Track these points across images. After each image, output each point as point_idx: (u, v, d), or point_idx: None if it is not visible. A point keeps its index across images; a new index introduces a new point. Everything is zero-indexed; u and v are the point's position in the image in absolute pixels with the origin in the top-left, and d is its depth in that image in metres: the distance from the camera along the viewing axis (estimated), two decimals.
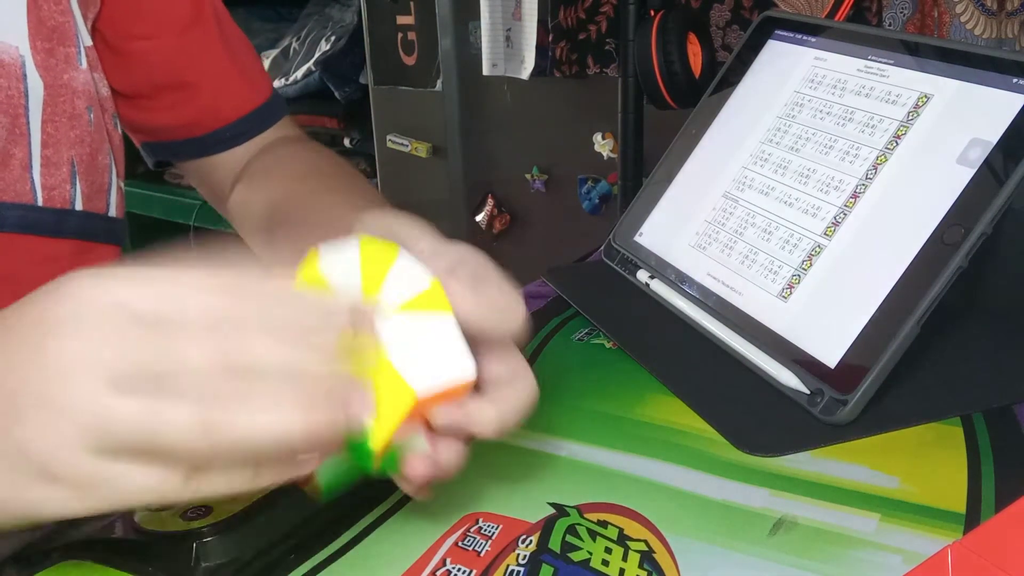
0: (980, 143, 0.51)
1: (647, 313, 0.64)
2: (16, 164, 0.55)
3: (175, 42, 0.65)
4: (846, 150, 0.58)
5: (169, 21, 0.65)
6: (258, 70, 0.72)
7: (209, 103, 0.68)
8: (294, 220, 0.61)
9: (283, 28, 2.13)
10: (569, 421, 0.53)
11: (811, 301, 0.55)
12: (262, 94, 0.71)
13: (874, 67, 0.59)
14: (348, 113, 1.96)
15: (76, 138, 0.58)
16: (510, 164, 1.76)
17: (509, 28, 1.52)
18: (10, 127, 0.54)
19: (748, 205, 0.62)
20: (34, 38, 0.55)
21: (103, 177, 0.61)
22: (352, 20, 1.92)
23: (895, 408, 0.52)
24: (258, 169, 0.69)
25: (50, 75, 0.56)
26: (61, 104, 0.57)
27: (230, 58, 0.69)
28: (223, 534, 0.41)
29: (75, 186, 0.58)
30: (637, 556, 0.42)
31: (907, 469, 0.48)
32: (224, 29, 0.69)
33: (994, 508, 0.44)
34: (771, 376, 0.54)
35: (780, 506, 0.45)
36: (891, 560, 0.41)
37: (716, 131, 0.68)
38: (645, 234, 0.69)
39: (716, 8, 1.32)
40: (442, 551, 0.42)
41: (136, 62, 0.64)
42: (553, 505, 0.45)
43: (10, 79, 0.54)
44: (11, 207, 0.55)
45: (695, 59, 1.14)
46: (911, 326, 0.49)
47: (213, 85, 0.68)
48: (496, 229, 1.78)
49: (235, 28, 0.71)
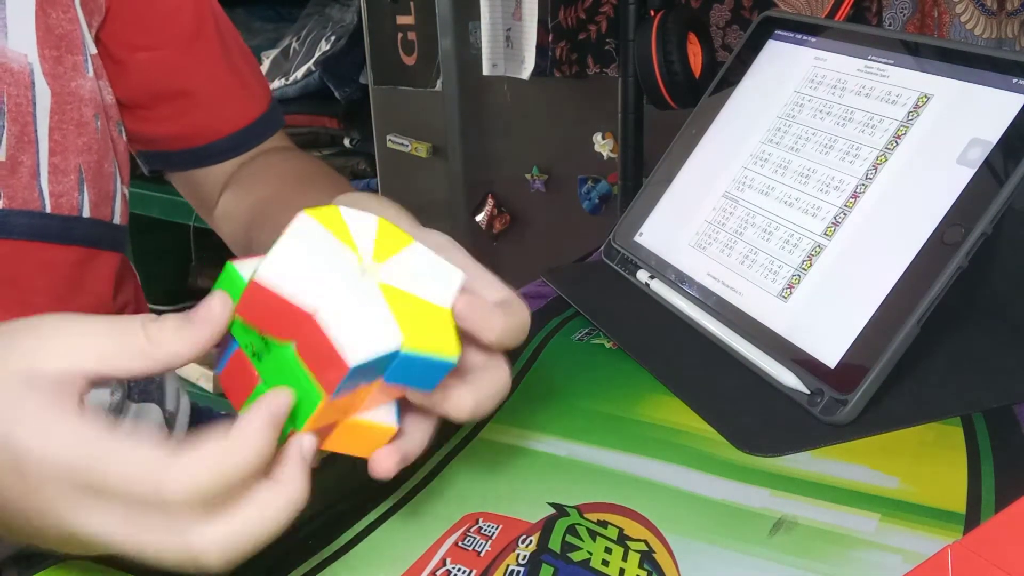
0: (980, 143, 0.51)
1: (647, 313, 0.64)
2: (24, 171, 0.55)
3: (177, 54, 0.65)
4: (846, 150, 0.58)
5: (172, 33, 0.65)
6: (257, 82, 0.72)
7: (207, 115, 0.68)
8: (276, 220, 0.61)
9: (283, 28, 2.13)
10: (569, 421, 0.53)
11: (811, 301, 0.55)
12: (260, 107, 0.71)
13: (874, 67, 0.59)
14: (348, 113, 1.96)
15: (84, 145, 0.58)
16: (510, 164, 1.76)
17: (509, 28, 1.52)
18: (19, 135, 0.54)
19: (748, 205, 0.62)
20: (42, 46, 0.55)
21: (109, 184, 0.61)
22: (352, 20, 1.92)
23: (895, 408, 0.52)
24: (243, 177, 0.69)
25: (58, 83, 0.56)
26: (69, 112, 0.57)
27: (230, 71, 0.69)
28: None
29: (83, 193, 0.58)
30: (637, 556, 0.42)
31: (907, 469, 0.48)
32: (226, 41, 0.69)
33: (994, 508, 0.44)
34: (771, 376, 0.54)
35: (780, 506, 0.45)
36: (891, 560, 0.41)
37: (716, 131, 0.68)
38: (645, 234, 0.69)
39: (716, 8, 1.32)
40: (442, 551, 0.42)
41: (136, 72, 0.64)
42: (553, 505, 0.45)
43: (19, 87, 0.54)
44: (19, 214, 0.55)
45: (695, 59, 1.14)
46: (911, 326, 0.49)
47: (212, 97, 0.68)
48: (496, 229, 1.78)
49: (237, 39, 0.71)
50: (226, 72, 0.68)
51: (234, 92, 0.69)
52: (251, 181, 0.68)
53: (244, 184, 0.68)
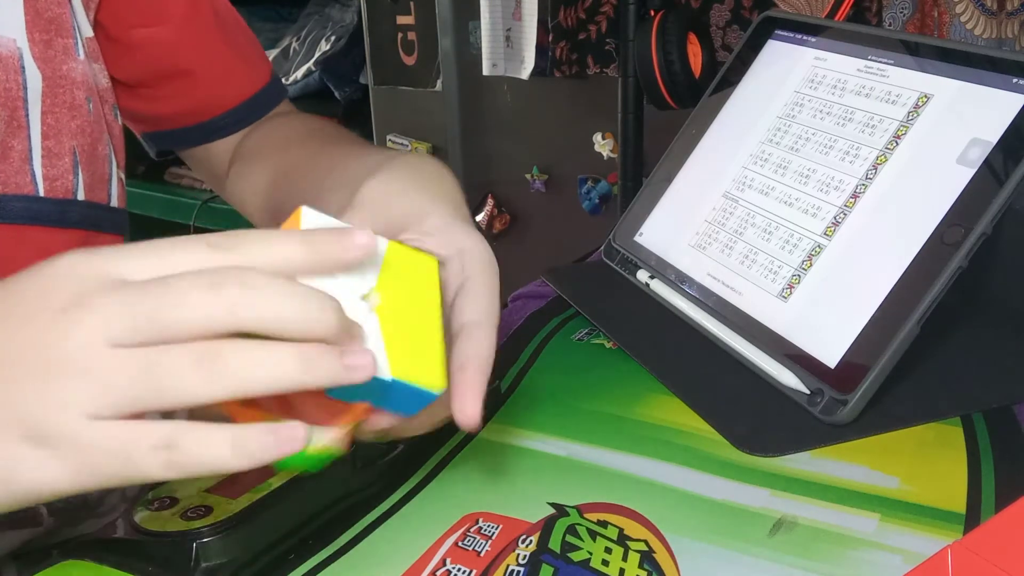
0: (980, 143, 0.51)
1: (647, 313, 0.64)
2: (15, 156, 0.55)
3: (174, 31, 0.66)
4: (846, 150, 0.58)
5: (167, 11, 0.66)
6: (258, 55, 0.74)
7: (210, 90, 0.69)
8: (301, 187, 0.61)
9: (283, 28, 2.13)
10: (569, 421, 0.53)
11: (811, 301, 0.55)
12: (262, 79, 0.72)
13: (874, 67, 0.59)
14: (348, 113, 1.96)
15: (77, 128, 0.58)
16: (510, 164, 1.76)
17: (509, 28, 1.52)
18: (8, 120, 0.54)
19: (748, 205, 0.62)
20: (31, 30, 0.55)
21: (104, 167, 0.61)
22: (352, 20, 1.92)
23: (895, 408, 0.52)
24: (251, 147, 0.70)
25: (48, 67, 0.56)
26: (61, 95, 0.57)
27: (228, 45, 0.70)
28: (223, 534, 0.41)
29: (77, 176, 0.58)
30: (637, 556, 0.42)
31: (907, 469, 0.48)
32: (221, 15, 0.70)
33: (994, 508, 0.44)
34: (771, 376, 0.54)
35: (780, 506, 0.45)
36: (891, 560, 0.41)
37: (716, 131, 0.68)
38: (645, 234, 0.69)
39: (716, 8, 1.32)
40: (442, 551, 0.42)
41: (137, 51, 0.65)
42: (553, 505, 0.45)
43: (8, 72, 0.54)
44: (13, 199, 0.55)
45: (695, 59, 1.14)
46: (911, 326, 0.49)
47: (213, 72, 0.69)
48: (496, 229, 1.78)
49: (233, 14, 0.72)
50: (224, 46, 0.69)
51: (235, 65, 0.70)
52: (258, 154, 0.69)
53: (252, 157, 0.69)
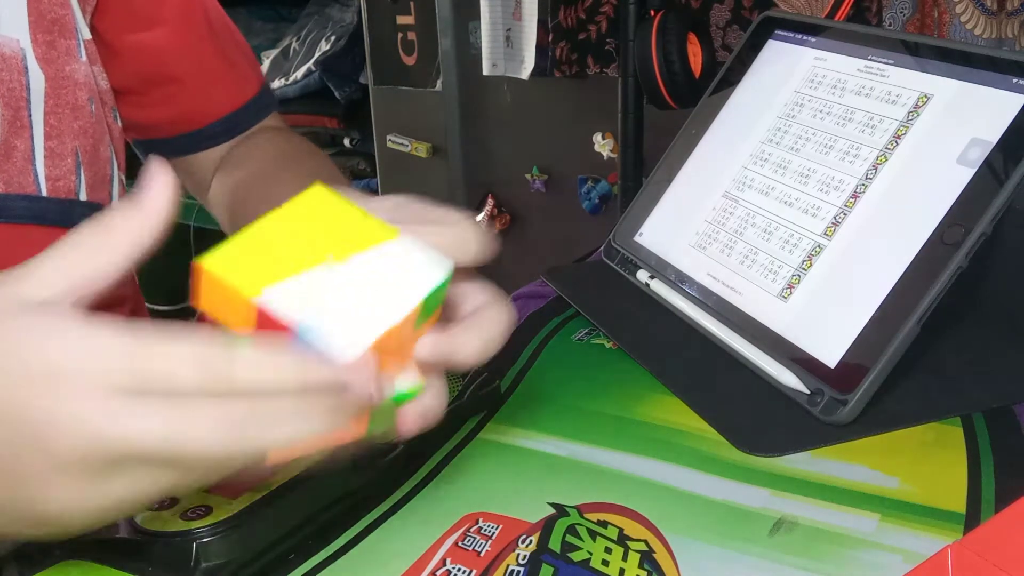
0: (980, 143, 0.51)
1: (647, 313, 0.64)
2: (18, 156, 0.55)
3: (165, 38, 0.66)
4: (846, 150, 0.58)
5: (159, 17, 0.66)
6: (249, 65, 0.73)
7: (197, 100, 0.69)
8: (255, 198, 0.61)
9: (283, 28, 2.13)
10: (569, 421, 0.53)
11: (811, 301, 0.55)
12: (251, 89, 0.72)
13: (874, 67, 0.59)
14: (348, 113, 1.97)
15: (79, 129, 0.58)
16: (510, 164, 1.76)
17: (509, 28, 1.52)
18: (11, 119, 0.54)
19: (748, 205, 0.62)
20: (35, 31, 0.55)
21: (105, 168, 0.61)
22: (352, 20, 1.92)
23: (895, 408, 0.52)
24: (230, 159, 0.70)
25: (51, 68, 0.56)
26: (64, 96, 0.57)
27: (219, 54, 0.70)
28: (223, 534, 0.41)
29: (79, 176, 0.58)
30: (637, 556, 0.42)
31: (907, 469, 0.48)
32: (214, 24, 0.69)
33: (994, 508, 0.44)
34: (771, 376, 0.54)
35: (780, 506, 0.45)
36: (891, 560, 0.41)
37: (716, 131, 0.68)
38: (645, 234, 0.69)
39: (716, 8, 1.32)
40: (442, 551, 0.42)
41: (128, 57, 0.65)
42: (553, 505, 0.45)
43: (11, 72, 0.54)
44: (17, 198, 0.55)
45: (695, 59, 1.14)
46: (911, 326, 0.49)
47: (202, 81, 0.69)
48: (496, 229, 1.78)
49: (227, 23, 0.72)
50: (215, 56, 0.69)
51: (223, 76, 0.70)
52: (235, 163, 0.69)
53: (229, 166, 0.70)
